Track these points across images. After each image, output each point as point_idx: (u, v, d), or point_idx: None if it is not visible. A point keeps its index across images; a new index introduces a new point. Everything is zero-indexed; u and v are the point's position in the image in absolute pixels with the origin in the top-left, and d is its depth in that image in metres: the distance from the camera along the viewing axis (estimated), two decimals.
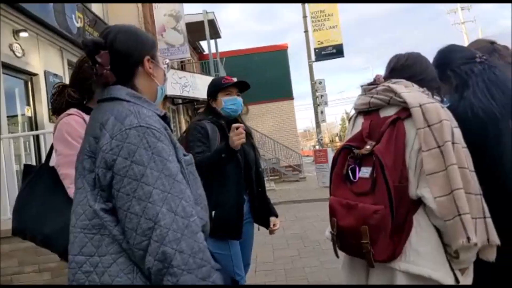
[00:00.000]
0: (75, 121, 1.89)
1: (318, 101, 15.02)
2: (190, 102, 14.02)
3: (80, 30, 7.74)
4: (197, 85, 12.09)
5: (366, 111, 1.66)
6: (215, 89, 2.56)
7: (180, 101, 13.31)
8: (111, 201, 1.09)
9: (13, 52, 5.97)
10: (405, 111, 1.51)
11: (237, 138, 2.20)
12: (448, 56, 1.80)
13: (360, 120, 1.68)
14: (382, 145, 1.48)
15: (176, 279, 1.00)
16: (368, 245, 1.43)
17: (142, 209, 1.03)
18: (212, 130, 2.41)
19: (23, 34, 6.19)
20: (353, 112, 1.78)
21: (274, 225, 2.70)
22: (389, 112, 1.57)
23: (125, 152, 1.05)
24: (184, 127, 13.01)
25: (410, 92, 1.53)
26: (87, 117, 1.77)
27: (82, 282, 1.09)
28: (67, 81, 7.41)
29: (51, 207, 1.85)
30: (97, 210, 1.09)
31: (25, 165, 2.11)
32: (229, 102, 2.52)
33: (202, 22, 13.61)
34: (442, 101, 1.77)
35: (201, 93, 11.67)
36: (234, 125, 2.23)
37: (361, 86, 1.72)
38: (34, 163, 5.14)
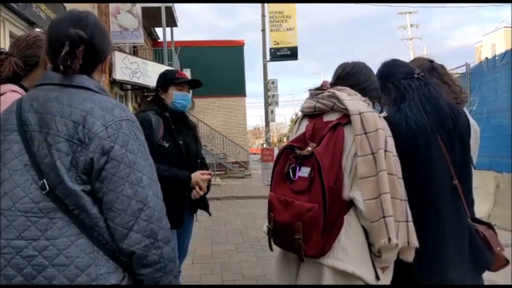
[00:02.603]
0: None
1: (269, 101, 15.23)
2: (139, 89, 13.64)
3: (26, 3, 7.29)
4: (148, 72, 11.79)
5: (311, 114, 1.74)
6: (167, 82, 2.57)
7: (129, 87, 12.91)
8: (90, 184, 1.14)
9: None
10: (346, 117, 1.60)
11: (198, 191, 2.48)
12: (390, 70, 1.92)
13: (305, 123, 1.76)
14: (322, 148, 1.56)
15: (160, 251, 1.16)
16: (301, 240, 1.51)
17: (134, 192, 1.13)
18: (156, 121, 2.45)
19: None
20: (299, 114, 1.86)
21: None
22: (332, 117, 1.66)
23: (120, 140, 1.14)
24: None
25: (352, 100, 1.63)
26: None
27: (22, 267, 1.08)
28: None
29: None
30: (78, 191, 1.12)
31: None
32: (180, 97, 2.55)
33: (159, 8, 13.28)
34: (381, 111, 1.90)
35: (152, 81, 11.30)
36: (204, 177, 2.48)
37: (309, 90, 1.81)
38: None
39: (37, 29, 7.95)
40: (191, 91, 2.65)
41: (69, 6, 9.21)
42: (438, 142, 1.72)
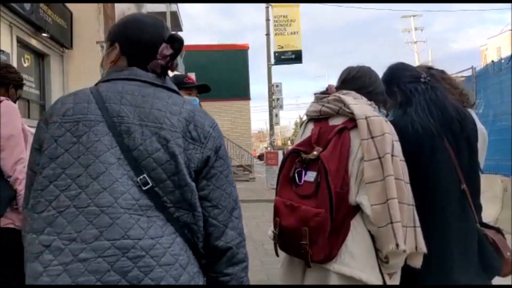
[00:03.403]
0: None
1: (274, 104, 15.23)
2: None
3: (33, 7, 7.35)
4: None
5: (317, 118, 1.74)
6: (176, 86, 2.59)
7: None
8: (194, 181, 1.13)
9: None
10: (352, 121, 1.59)
11: None
12: (397, 73, 1.92)
13: (311, 126, 1.75)
14: (328, 152, 1.55)
15: (245, 250, 1.20)
16: (307, 246, 1.50)
17: (231, 191, 1.19)
18: None
19: None
20: (305, 118, 1.86)
21: None
22: (338, 121, 1.65)
23: (223, 141, 1.22)
24: None
25: (358, 104, 1.62)
26: None
27: (127, 270, 0.98)
28: (14, 59, 7.02)
29: None
30: (193, 187, 1.10)
31: None
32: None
33: (164, 13, 13.36)
34: (387, 115, 1.89)
35: None
36: None
37: (314, 94, 1.80)
38: None
39: (44, 34, 8.02)
40: (199, 95, 2.64)
41: (74, 9, 9.29)
42: (445, 145, 1.71)
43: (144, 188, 1.04)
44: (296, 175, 1.63)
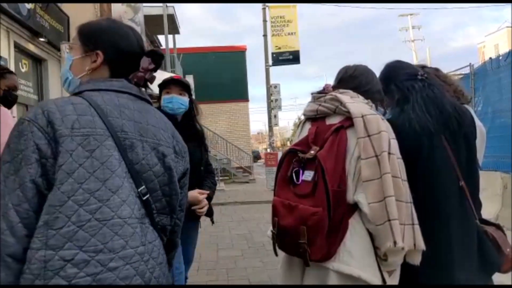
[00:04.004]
0: None
1: (272, 105, 15.23)
2: None
3: (30, 12, 7.35)
4: None
5: (314, 118, 1.73)
6: (159, 87, 2.59)
7: None
8: None
9: None
10: (348, 120, 1.59)
11: (200, 211, 2.48)
12: (393, 71, 1.92)
13: (308, 126, 1.75)
14: (325, 151, 1.55)
15: None
16: (305, 245, 1.50)
17: None
18: None
19: None
20: (302, 117, 1.86)
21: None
22: (334, 120, 1.65)
23: None
24: None
25: (355, 103, 1.62)
26: None
27: (144, 273, 1.09)
28: (12, 64, 7.01)
29: None
30: (184, 195, 1.33)
31: None
32: (166, 100, 2.52)
33: (161, 16, 13.36)
34: (384, 113, 1.88)
35: (155, 88, 11.44)
36: (200, 197, 2.44)
37: (312, 93, 1.80)
38: None
39: (41, 39, 8.02)
40: (185, 95, 2.58)
41: (71, 13, 9.29)
42: (442, 143, 1.71)
43: (143, 198, 1.13)
44: (293, 174, 1.63)
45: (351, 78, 1.78)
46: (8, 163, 1.03)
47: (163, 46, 15.95)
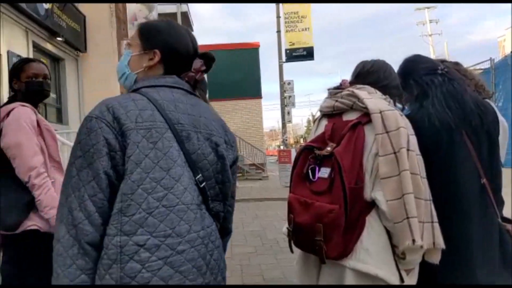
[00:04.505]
0: None
1: (286, 102, 15.18)
2: None
3: (48, 12, 7.45)
4: None
5: (330, 114, 1.71)
6: None
7: None
8: None
9: None
10: (366, 116, 1.57)
11: None
12: (412, 66, 1.88)
13: (324, 122, 1.73)
14: (342, 148, 1.53)
15: None
16: (321, 242, 1.49)
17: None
18: None
19: None
20: (318, 114, 1.84)
21: None
22: (352, 116, 1.63)
23: None
24: None
25: (372, 99, 1.60)
26: None
27: (205, 255, 1.18)
28: None
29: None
30: (235, 182, 1.40)
31: None
32: None
33: (175, 14, 13.43)
34: (403, 109, 1.85)
35: None
36: None
37: (328, 89, 1.78)
38: None
39: (59, 38, 8.13)
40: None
41: (87, 12, 9.39)
42: (463, 139, 1.67)
43: (200, 186, 1.21)
44: (309, 171, 1.62)
45: (369, 73, 1.75)
46: (80, 158, 1.11)
47: None
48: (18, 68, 2.27)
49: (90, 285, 1.08)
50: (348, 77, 1.84)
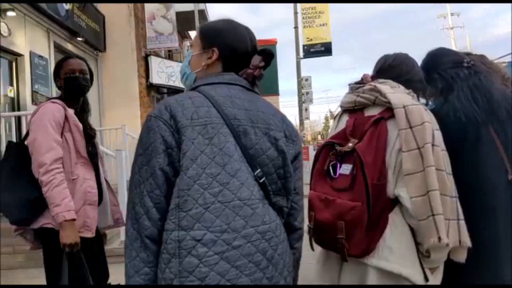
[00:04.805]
0: None
1: (303, 98, 15.10)
2: (175, 92, 13.90)
3: (68, 13, 7.60)
4: None
5: (352, 109, 1.68)
6: None
7: (165, 90, 13.18)
8: None
9: None
10: (389, 111, 1.54)
11: None
12: (436, 59, 1.83)
13: (345, 118, 1.70)
14: (364, 143, 1.50)
15: None
16: (343, 240, 1.46)
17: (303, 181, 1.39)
18: None
19: (10, 13, 6.05)
20: (339, 109, 1.81)
21: None
22: (374, 112, 1.60)
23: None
24: None
25: (395, 93, 1.56)
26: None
27: (266, 250, 1.17)
28: (52, 63, 7.30)
29: (13, 183, 2.09)
30: (295, 177, 1.32)
31: (9, 141, 2.32)
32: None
33: (192, 12, 13.47)
34: (427, 104, 1.81)
35: None
36: None
37: (349, 84, 1.75)
38: None
39: (79, 38, 8.27)
40: None
41: (106, 12, 9.52)
42: (490, 134, 1.62)
43: (260, 181, 1.20)
44: (330, 168, 1.60)
45: (391, 68, 1.72)
46: (141, 156, 1.17)
47: None
48: (57, 66, 2.33)
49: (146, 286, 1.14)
50: (367, 72, 1.81)
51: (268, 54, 1.35)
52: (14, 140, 5.64)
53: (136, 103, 9.80)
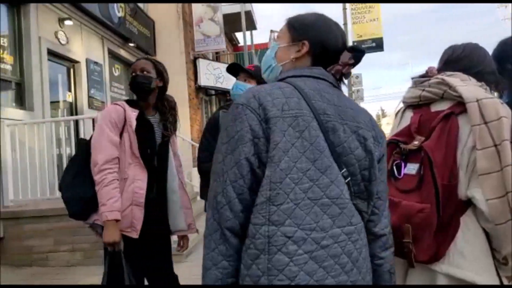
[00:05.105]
0: None
1: (354, 96, 14.79)
2: (222, 94, 14.09)
3: (121, 20, 7.90)
4: (230, 77, 12.02)
5: (416, 105, 1.58)
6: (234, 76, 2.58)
7: (213, 92, 13.40)
8: None
9: (58, 39, 6.16)
10: (459, 105, 1.42)
11: None
12: (510, 49, 1.70)
13: (409, 114, 1.60)
14: (432, 141, 1.41)
15: (392, 238, 1.29)
16: (410, 244, 1.38)
17: (386, 184, 1.29)
18: (223, 119, 2.40)
19: (67, 22, 6.37)
20: (401, 105, 1.71)
21: None
22: (442, 107, 1.49)
23: None
24: None
25: (466, 86, 1.44)
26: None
27: (352, 252, 1.11)
28: (106, 69, 7.63)
29: (76, 179, 2.21)
30: (380, 179, 1.24)
31: (80, 138, 2.42)
32: (233, 87, 2.48)
33: (238, 13, 13.59)
34: (500, 97, 1.67)
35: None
36: None
37: (412, 78, 1.65)
38: (73, 147, 5.31)
39: (131, 44, 8.58)
40: (254, 82, 2.45)
41: (155, 17, 9.80)
42: None
43: (345, 181, 1.13)
44: (394, 168, 1.51)
45: (460, 59, 1.59)
46: (226, 144, 1.12)
47: (241, 44, 16.26)
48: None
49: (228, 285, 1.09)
50: (421, 67, 1.69)
51: (358, 51, 1.28)
52: (72, 144, 5.93)
53: (186, 106, 10.02)
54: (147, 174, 2.20)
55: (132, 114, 2.23)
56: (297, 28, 1.27)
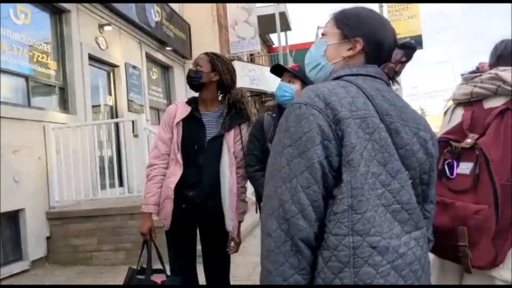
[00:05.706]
0: None
1: None
2: (258, 95, 14.12)
3: (157, 24, 8.06)
4: (266, 78, 12.09)
5: (468, 102, 1.51)
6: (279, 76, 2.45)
7: (248, 93, 13.45)
8: None
9: (98, 44, 6.35)
10: None
11: None
12: None
13: (460, 111, 1.53)
14: (488, 138, 1.33)
15: None
16: (466, 248, 1.31)
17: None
18: (268, 122, 2.34)
19: (107, 28, 6.56)
20: (450, 103, 1.63)
21: None
22: (496, 103, 1.41)
23: None
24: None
25: None
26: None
27: (420, 258, 1.06)
28: (144, 72, 7.75)
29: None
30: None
31: None
32: (277, 89, 2.36)
33: (273, 15, 13.58)
34: None
35: (269, 86, 11.71)
36: None
37: (462, 74, 1.57)
38: (113, 149, 5.44)
39: (168, 48, 8.74)
40: (299, 83, 2.31)
41: (191, 21, 9.94)
42: None
43: None
44: (446, 167, 1.43)
45: None
46: (290, 147, 1.02)
47: (276, 45, 16.23)
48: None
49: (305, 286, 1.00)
50: (463, 64, 1.60)
51: (410, 48, 1.20)
52: (113, 146, 6.09)
53: None
54: (187, 170, 2.20)
55: (183, 110, 2.26)
56: (348, 24, 1.18)
